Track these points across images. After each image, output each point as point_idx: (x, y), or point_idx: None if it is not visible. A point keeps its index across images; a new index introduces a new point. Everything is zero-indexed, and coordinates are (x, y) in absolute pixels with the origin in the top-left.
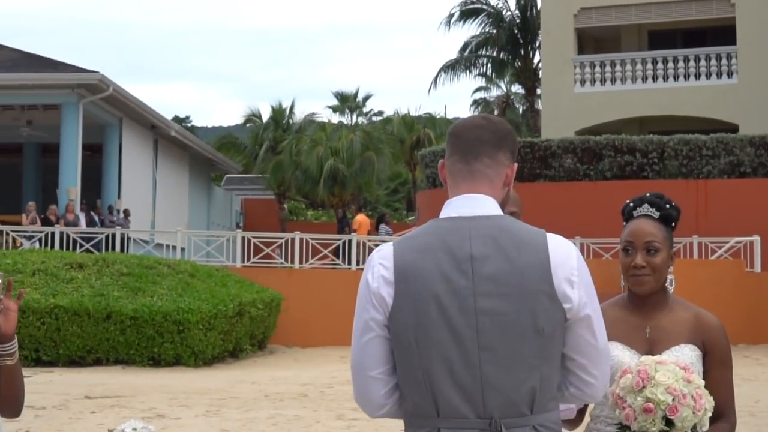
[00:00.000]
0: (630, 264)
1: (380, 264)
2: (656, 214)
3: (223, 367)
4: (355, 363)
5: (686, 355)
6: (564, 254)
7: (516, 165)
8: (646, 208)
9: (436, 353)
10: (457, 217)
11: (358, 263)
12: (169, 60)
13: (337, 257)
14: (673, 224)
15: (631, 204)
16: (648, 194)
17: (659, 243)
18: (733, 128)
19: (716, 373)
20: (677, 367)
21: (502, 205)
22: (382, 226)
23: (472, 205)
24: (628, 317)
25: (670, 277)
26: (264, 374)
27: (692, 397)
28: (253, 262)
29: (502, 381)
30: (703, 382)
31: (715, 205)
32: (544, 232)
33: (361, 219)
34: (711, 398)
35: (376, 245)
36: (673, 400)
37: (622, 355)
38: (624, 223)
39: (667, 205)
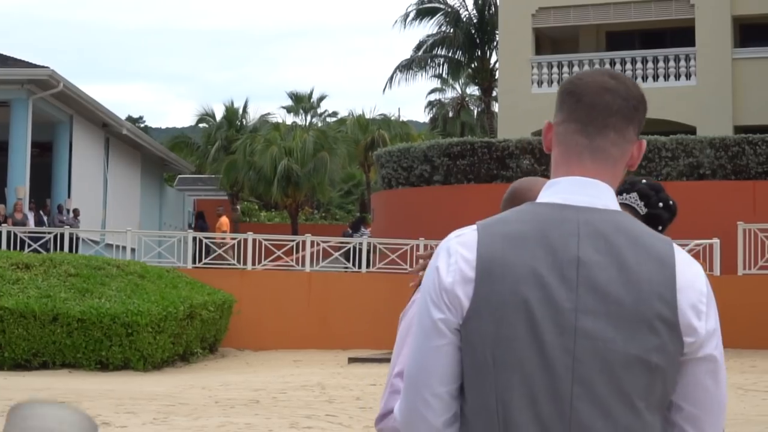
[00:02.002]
0: None
1: (459, 253)
2: (643, 210)
3: (173, 371)
4: (413, 375)
5: None
6: (694, 274)
7: (645, 142)
8: (633, 198)
9: (518, 378)
10: (564, 205)
11: (311, 264)
12: (123, 60)
13: (291, 258)
14: (660, 228)
15: (620, 188)
16: (644, 181)
17: None
18: (691, 130)
19: None
20: None
21: (615, 189)
22: (363, 229)
23: (587, 192)
24: None
25: None
26: (215, 379)
27: None
28: (205, 264)
29: (596, 424)
30: None
31: None
32: (671, 242)
33: (224, 221)
34: None
35: (341, 245)
36: None
37: None
38: None
39: (660, 204)
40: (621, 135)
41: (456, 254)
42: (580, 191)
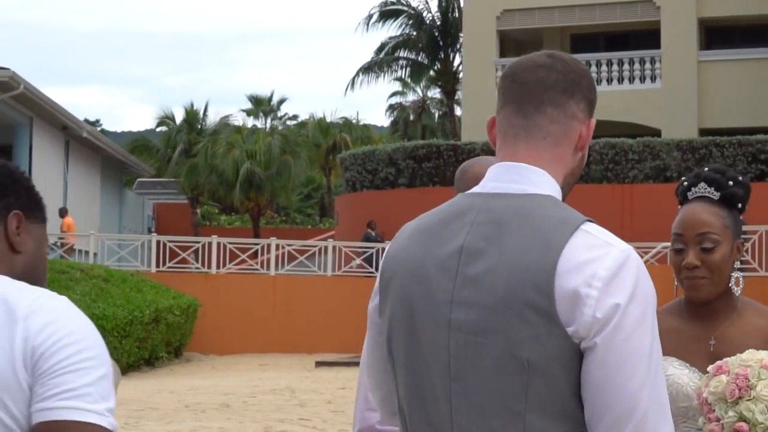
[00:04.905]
0: (681, 264)
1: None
2: (716, 195)
3: (139, 376)
4: (360, 369)
5: None
6: (591, 256)
7: (594, 121)
8: (702, 188)
9: (407, 376)
10: (478, 194)
11: (277, 267)
12: (77, 63)
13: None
14: (740, 205)
15: (686, 183)
16: (707, 168)
17: (717, 234)
18: (656, 133)
19: None
20: None
21: (570, 180)
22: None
23: (509, 177)
24: (685, 326)
25: (735, 275)
26: (182, 383)
27: None
28: (169, 267)
29: (473, 425)
30: None
31: (641, 209)
32: (577, 223)
33: (69, 221)
34: None
35: (305, 249)
36: None
37: (679, 373)
38: (678, 207)
39: (731, 182)
40: (561, 110)
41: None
42: (502, 177)
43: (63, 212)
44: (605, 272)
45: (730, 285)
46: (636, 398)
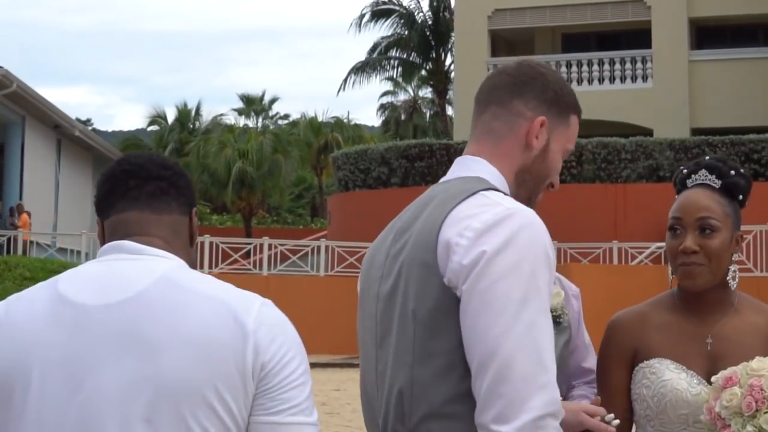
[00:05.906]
0: (678, 248)
1: None
2: (717, 183)
3: None
4: None
5: None
6: (473, 212)
7: (543, 118)
8: (703, 176)
9: (362, 351)
10: (433, 186)
11: (269, 267)
12: (67, 62)
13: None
14: (741, 197)
15: (685, 171)
16: (707, 158)
17: (717, 220)
18: (648, 132)
19: None
20: None
21: (527, 177)
22: None
23: (455, 168)
24: (680, 322)
25: (732, 268)
26: None
27: None
28: None
29: (385, 386)
30: None
31: (634, 209)
32: (478, 189)
33: (26, 218)
34: None
35: (298, 249)
36: None
37: (677, 378)
38: (676, 195)
39: (732, 172)
40: (505, 108)
41: None
42: (452, 169)
43: (21, 208)
44: (479, 225)
45: (727, 279)
46: (496, 343)
